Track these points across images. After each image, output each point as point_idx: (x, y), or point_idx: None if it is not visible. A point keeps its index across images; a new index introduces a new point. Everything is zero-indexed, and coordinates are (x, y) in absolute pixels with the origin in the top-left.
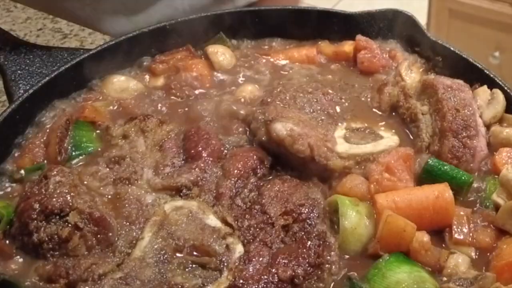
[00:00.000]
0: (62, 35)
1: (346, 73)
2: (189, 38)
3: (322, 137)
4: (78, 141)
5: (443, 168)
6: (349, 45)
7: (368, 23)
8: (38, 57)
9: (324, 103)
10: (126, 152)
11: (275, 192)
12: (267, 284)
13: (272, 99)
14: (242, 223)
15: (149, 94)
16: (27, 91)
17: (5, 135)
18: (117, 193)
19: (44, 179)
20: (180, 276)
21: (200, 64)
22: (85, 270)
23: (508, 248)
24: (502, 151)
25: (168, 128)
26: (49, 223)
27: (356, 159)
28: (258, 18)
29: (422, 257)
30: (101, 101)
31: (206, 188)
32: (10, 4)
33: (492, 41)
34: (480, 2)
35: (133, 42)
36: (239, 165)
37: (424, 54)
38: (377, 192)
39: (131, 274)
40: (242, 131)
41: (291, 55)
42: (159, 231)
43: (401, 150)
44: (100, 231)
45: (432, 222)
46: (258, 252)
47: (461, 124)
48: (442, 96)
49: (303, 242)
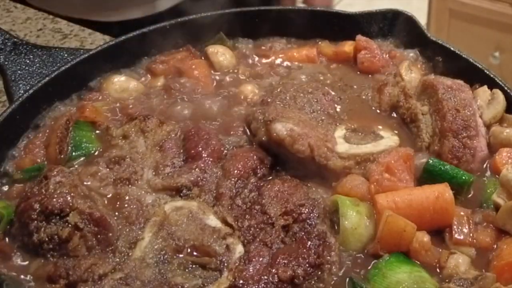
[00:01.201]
0: (62, 35)
1: (346, 73)
2: (189, 38)
3: (322, 137)
4: (78, 141)
5: (443, 168)
6: (349, 45)
7: (368, 23)
8: (38, 57)
9: (324, 103)
10: (126, 152)
11: (275, 192)
12: (267, 284)
13: (272, 99)
14: (242, 223)
15: (149, 94)
16: (27, 91)
17: (5, 135)
18: (117, 193)
19: (44, 179)
20: (180, 276)
21: (200, 64)
22: (85, 270)
23: (508, 248)
24: (502, 151)
25: (168, 128)
26: (49, 224)
27: (356, 159)
28: (258, 18)
29: (422, 257)
30: (101, 101)
31: (206, 188)
32: (10, 4)
33: (492, 41)
34: (480, 2)
35: (133, 42)
36: (239, 165)
37: (424, 54)
38: (377, 192)
39: (131, 274)
40: (242, 131)
41: (291, 55)
42: (159, 231)
43: (401, 150)
44: (100, 232)
45: (432, 222)
46: (258, 252)
47: (461, 125)
48: (442, 96)
49: (303, 242)
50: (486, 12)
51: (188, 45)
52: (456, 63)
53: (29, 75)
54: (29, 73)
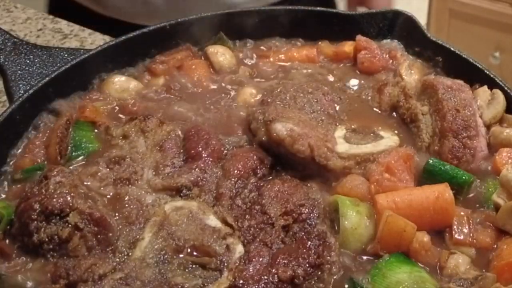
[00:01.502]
0: (62, 35)
1: (346, 73)
2: (189, 38)
3: (322, 137)
4: (78, 141)
5: (443, 168)
6: (349, 45)
7: (368, 23)
8: (38, 57)
9: (324, 103)
10: (126, 152)
11: (275, 192)
12: (267, 284)
13: (272, 99)
14: (242, 223)
15: (149, 94)
16: (27, 91)
17: (5, 135)
18: (117, 193)
19: (44, 179)
20: (180, 276)
21: (200, 64)
22: (85, 270)
23: (508, 248)
24: (502, 152)
25: (168, 128)
26: (49, 224)
27: (356, 159)
28: (258, 18)
29: (422, 257)
30: (101, 101)
31: (206, 188)
32: (10, 4)
33: (492, 41)
34: (480, 2)
35: (133, 42)
36: (239, 165)
37: (424, 54)
38: (378, 193)
39: (131, 274)
40: (242, 131)
41: (291, 55)
42: (159, 231)
43: (401, 150)
44: (100, 232)
45: (432, 223)
46: (258, 252)
47: (461, 125)
48: (442, 96)
49: (303, 242)
50: (486, 12)
51: (188, 45)
52: (456, 63)
53: (29, 75)
54: (29, 73)
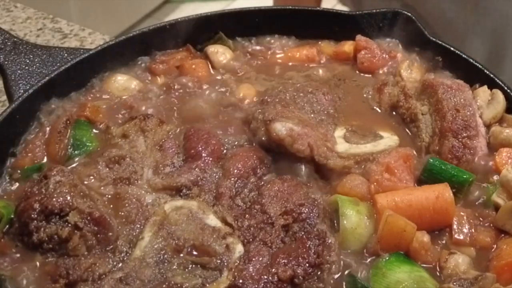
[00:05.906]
0: (62, 35)
1: (346, 73)
2: (189, 38)
3: (322, 137)
4: (78, 141)
5: (444, 167)
6: (349, 45)
7: (368, 23)
8: (38, 56)
9: (324, 103)
10: (126, 152)
11: (275, 191)
12: (267, 284)
13: (272, 99)
14: (242, 223)
15: (149, 93)
16: (27, 91)
17: (5, 135)
18: (117, 193)
19: (44, 179)
20: (180, 276)
21: (200, 64)
22: (85, 270)
23: (508, 248)
24: (502, 152)
25: (168, 128)
26: (49, 223)
27: (356, 159)
28: (258, 18)
29: (422, 257)
30: (101, 101)
31: (206, 188)
32: (10, 4)
33: None
34: None
35: (133, 42)
36: (239, 165)
37: (424, 54)
38: (378, 192)
39: (131, 274)
40: (242, 131)
41: (291, 55)
42: (159, 231)
43: (401, 150)
44: (100, 231)
45: (432, 222)
46: (258, 252)
47: (461, 124)
48: (442, 96)
49: (303, 242)
50: None
51: (188, 45)
52: (456, 63)
53: (29, 74)
54: (29, 73)
